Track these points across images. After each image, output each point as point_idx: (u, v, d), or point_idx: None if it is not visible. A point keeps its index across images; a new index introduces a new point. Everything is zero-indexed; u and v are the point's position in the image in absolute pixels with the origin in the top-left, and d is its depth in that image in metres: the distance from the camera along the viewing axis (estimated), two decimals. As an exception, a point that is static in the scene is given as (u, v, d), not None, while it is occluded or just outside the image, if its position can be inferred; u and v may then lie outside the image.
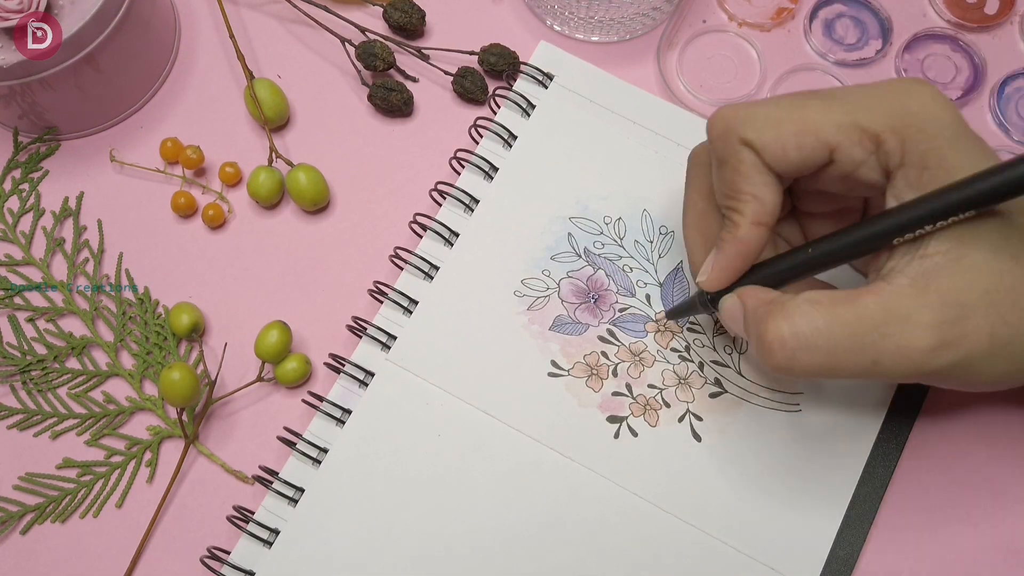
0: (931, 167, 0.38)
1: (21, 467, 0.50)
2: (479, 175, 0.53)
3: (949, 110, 0.38)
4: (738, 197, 0.41)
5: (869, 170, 0.39)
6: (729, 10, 0.58)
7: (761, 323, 0.39)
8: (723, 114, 0.41)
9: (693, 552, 0.47)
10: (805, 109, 0.39)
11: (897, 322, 0.37)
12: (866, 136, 0.38)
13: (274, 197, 0.53)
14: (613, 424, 0.49)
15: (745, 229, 0.41)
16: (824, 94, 0.40)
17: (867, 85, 0.40)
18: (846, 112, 0.39)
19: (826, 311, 0.38)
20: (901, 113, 0.38)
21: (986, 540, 0.48)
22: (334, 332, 0.52)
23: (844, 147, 0.39)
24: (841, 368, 0.39)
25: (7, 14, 0.48)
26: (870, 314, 0.38)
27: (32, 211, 0.54)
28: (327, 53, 0.58)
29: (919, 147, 0.38)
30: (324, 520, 0.48)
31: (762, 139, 0.39)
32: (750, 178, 0.40)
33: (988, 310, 0.37)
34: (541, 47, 0.56)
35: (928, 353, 0.37)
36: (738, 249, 0.42)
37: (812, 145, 0.39)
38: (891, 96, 0.39)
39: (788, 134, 0.39)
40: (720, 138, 0.41)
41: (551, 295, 0.51)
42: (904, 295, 0.38)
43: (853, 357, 0.38)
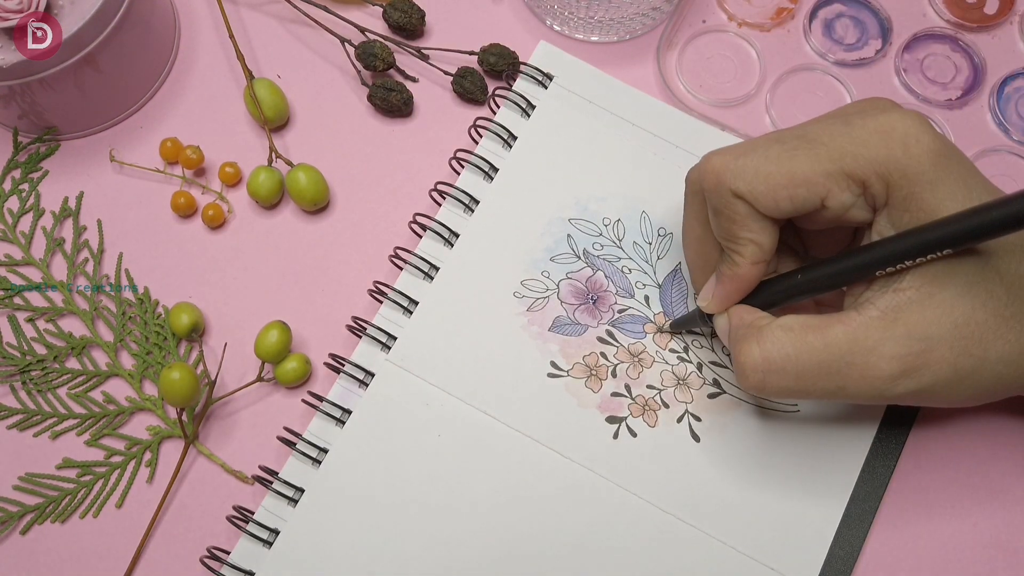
0: (911, 210, 0.39)
1: (21, 467, 0.50)
2: (479, 175, 0.53)
3: (930, 152, 0.39)
4: (737, 241, 0.43)
5: (858, 211, 0.41)
6: (729, 10, 0.58)
7: (737, 345, 0.42)
8: (713, 167, 0.42)
9: (692, 552, 0.47)
10: (793, 160, 0.40)
11: (862, 352, 0.40)
12: (853, 182, 0.40)
13: (274, 197, 0.54)
14: (612, 425, 0.49)
15: (745, 269, 0.43)
16: (810, 139, 0.41)
17: (855, 124, 0.40)
18: (832, 160, 0.40)
19: (796, 338, 0.41)
20: (886, 159, 0.39)
21: (986, 540, 0.48)
22: (334, 332, 0.52)
23: (834, 194, 0.40)
24: (809, 391, 0.41)
25: (7, 14, 0.48)
26: (837, 343, 0.40)
27: (32, 211, 0.54)
28: (327, 53, 0.58)
29: (901, 192, 0.39)
30: (324, 520, 0.48)
31: (754, 193, 0.41)
32: (747, 226, 0.42)
33: (953, 344, 0.39)
34: (541, 47, 0.56)
35: (890, 381, 0.40)
36: (737, 285, 0.44)
37: (804, 196, 0.40)
38: (875, 139, 0.40)
39: (779, 187, 0.40)
40: (713, 191, 0.42)
41: (550, 296, 0.51)
42: (872, 327, 0.40)
43: (820, 382, 0.41)
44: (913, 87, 0.56)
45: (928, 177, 0.39)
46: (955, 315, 0.39)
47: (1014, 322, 0.40)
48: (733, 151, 0.42)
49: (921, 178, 0.39)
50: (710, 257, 0.46)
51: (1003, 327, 0.39)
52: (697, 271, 0.47)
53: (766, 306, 0.44)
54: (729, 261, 0.43)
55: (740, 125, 0.55)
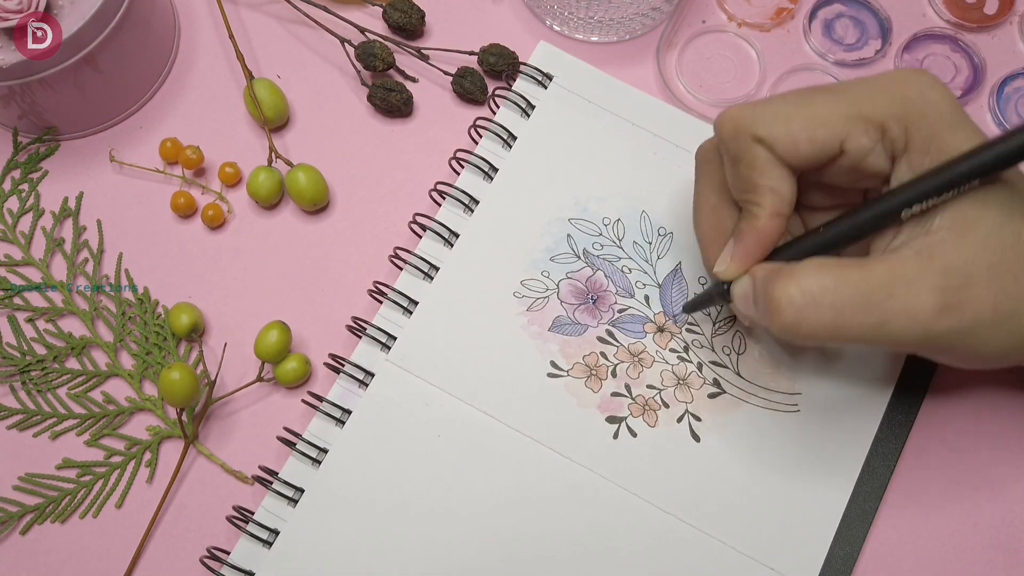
0: (932, 151, 0.39)
1: (21, 467, 0.50)
2: (478, 175, 0.53)
3: (947, 98, 0.40)
4: (756, 191, 0.42)
5: (876, 158, 0.41)
6: (728, 10, 0.58)
7: (769, 284, 0.40)
8: (732, 114, 0.42)
9: (693, 552, 0.47)
10: (812, 105, 0.41)
11: (904, 284, 0.39)
12: (872, 125, 0.40)
13: (274, 197, 0.54)
14: (612, 424, 0.49)
15: (764, 220, 0.42)
16: (827, 88, 0.42)
17: (869, 77, 0.41)
18: (851, 104, 0.40)
19: (834, 272, 0.39)
20: (902, 102, 0.40)
21: (986, 540, 0.48)
22: (334, 332, 0.52)
23: (853, 137, 0.40)
24: (848, 328, 0.39)
25: (7, 14, 0.48)
26: (877, 277, 0.39)
27: (32, 211, 0.54)
28: (327, 53, 0.58)
29: (920, 133, 0.39)
30: (324, 520, 0.48)
31: (773, 135, 0.41)
32: (766, 172, 0.41)
33: (991, 282, 0.39)
34: (541, 47, 0.56)
35: (934, 316, 0.38)
36: (757, 239, 0.43)
37: (823, 138, 0.40)
38: (892, 86, 0.40)
39: (798, 129, 0.40)
40: (732, 137, 0.42)
41: (550, 296, 0.51)
42: (910, 262, 0.39)
43: (860, 317, 0.39)
44: (913, 87, 0.56)
45: (947, 119, 0.39)
46: (989, 253, 0.39)
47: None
48: (751, 103, 0.42)
49: (940, 120, 0.39)
50: (725, 226, 0.45)
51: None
52: (711, 243, 0.45)
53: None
54: (748, 216, 0.42)
55: (740, 125, 0.55)
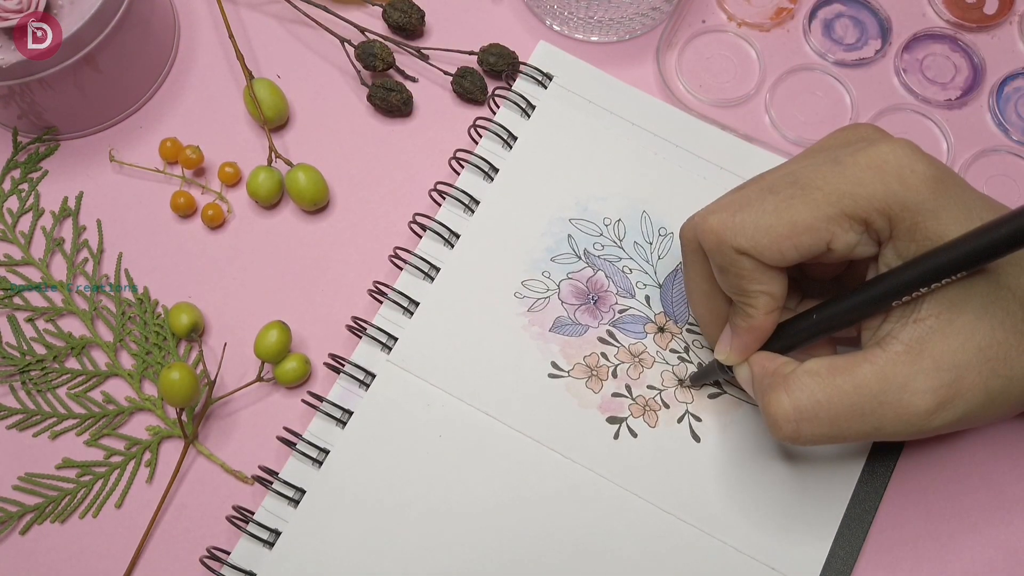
0: (917, 239, 0.39)
1: (20, 467, 0.50)
2: (478, 175, 0.53)
3: (928, 180, 0.38)
4: (747, 295, 0.42)
5: (863, 247, 0.40)
6: (728, 10, 0.58)
7: (765, 396, 0.42)
8: (711, 228, 0.41)
9: (693, 552, 0.47)
10: (791, 211, 0.40)
11: (895, 390, 0.39)
12: (855, 222, 0.39)
13: (273, 197, 0.53)
14: (613, 425, 0.49)
15: (759, 319, 0.43)
16: (803, 185, 0.40)
17: (846, 163, 0.40)
18: (831, 204, 0.39)
19: (824, 383, 0.40)
20: (884, 195, 0.39)
21: (986, 540, 0.48)
22: (334, 332, 0.52)
23: (838, 236, 0.40)
24: (845, 435, 0.40)
25: (7, 14, 0.48)
26: (868, 383, 0.39)
27: (31, 211, 0.54)
28: (327, 53, 0.58)
29: (904, 223, 0.39)
30: (326, 521, 0.48)
31: (758, 247, 0.40)
32: (755, 279, 0.41)
33: (982, 367, 0.39)
34: (540, 47, 0.56)
35: (926, 416, 0.39)
36: (753, 335, 0.43)
37: (809, 243, 0.40)
38: (869, 176, 0.39)
39: (782, 238, 0.40)
40: (715, 251, 0.42)
41: (551, 296, 0.51)
42: (900, 362, 0.39)
43: (855, 425, 0.40)
44: (913, 87, 0.56)
45: (929, 206, 0.38)
46: (978, 338, 0.39)
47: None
48: (727, 207, 0.41)
49: (922, 207, 0.38)
50: (720, 310, 0.45)
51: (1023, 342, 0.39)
52: (709, 326, 0.46)
53: (785, 350, 0.44)
54: (742, 314, 0.43)
55: (740, 125, 0.55)
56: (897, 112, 0.56)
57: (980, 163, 0.55)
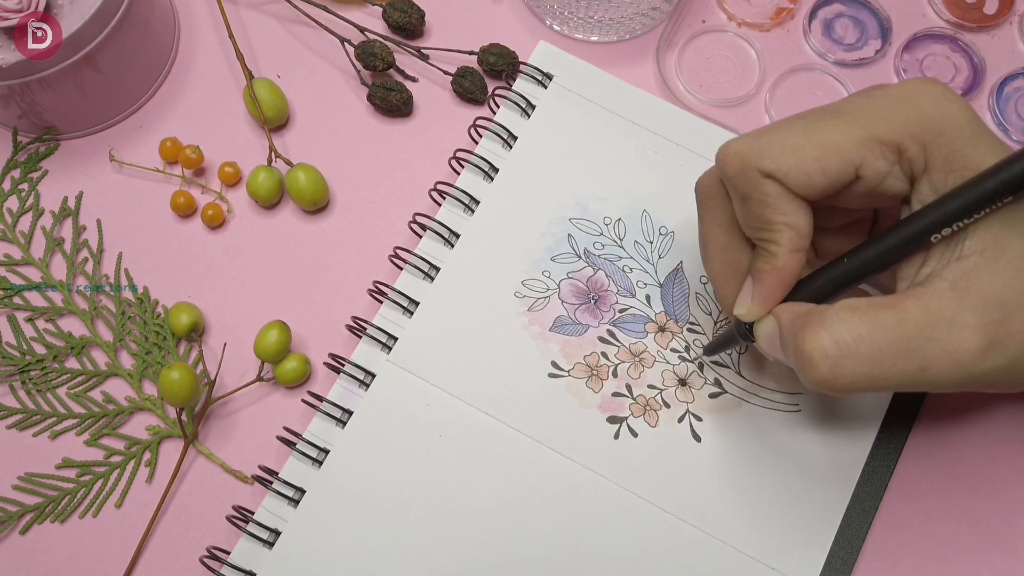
0: (956, 169, 0.37)
1: (20, 467, 0.50)
2: (478, 175, 0.53)
3: (964, 109, 0.37)
4: (771, 228, 0.39)
5: (894, 180, 0.38)
6: (728, 10, 0.58)
7: (799, 335, 0.38)
8: (736, 149, 0.39)
9: (693, 552, 0.47)
10: (821, 131, 0.38)
11: (943, 325, 0.36)
12: (888, 148, 0.37)
13: (273, 197, 0.53)
14: (613, 425, 0.49)
15: (784, 259, 0.40)
16: (835, 110, 0.39)
17: (876, 94, 0.39)
18: (863, 127, 0.38)
19: (867, 317, 0.37)
20: (918, 119, 0.37)
21: (986, 540, 0.48)
22: (334, 332, 0.52)
23: (868, 162, 0.38)
24: (887, 377, 0.37)
25: (7, 14, 0.48)
26: (913, 318, 0.36)
27: (31, 211, 0.54)
28: (327, 53, 0.58)
29: (941, 151, 0.37)
30: (326, 521, 0.48)
31: (784, 169, 0.38)
32: (780, 208, 0.39)
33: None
34: (540, 47, 0.56)
35: (977, 356, 0.36)
36: (778, 278, 0.40)
37: (837, 167, 0.38)
38: (904, 103, 0.38)
39: (810, 159, 0.38)
40: (739, 174, 0.39)
41: (551, 296, 0.51)
42: (946, 298, 0.37)
43: (900, 364, 0.37)
44: (913, 87, 0.56)
45: (967, 133, 0.36)
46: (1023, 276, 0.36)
47: None
48: (753, 133, 0.39)
49: (960, 134, 0.36)
50: (739, 264, 0.42)
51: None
52: (726, 283, 0.43)
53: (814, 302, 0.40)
54: (765, 254, 0.40)
55: (740, 125, 0.55)
56: (897, 112, 0.56)
57: (980, 163, 0.55)
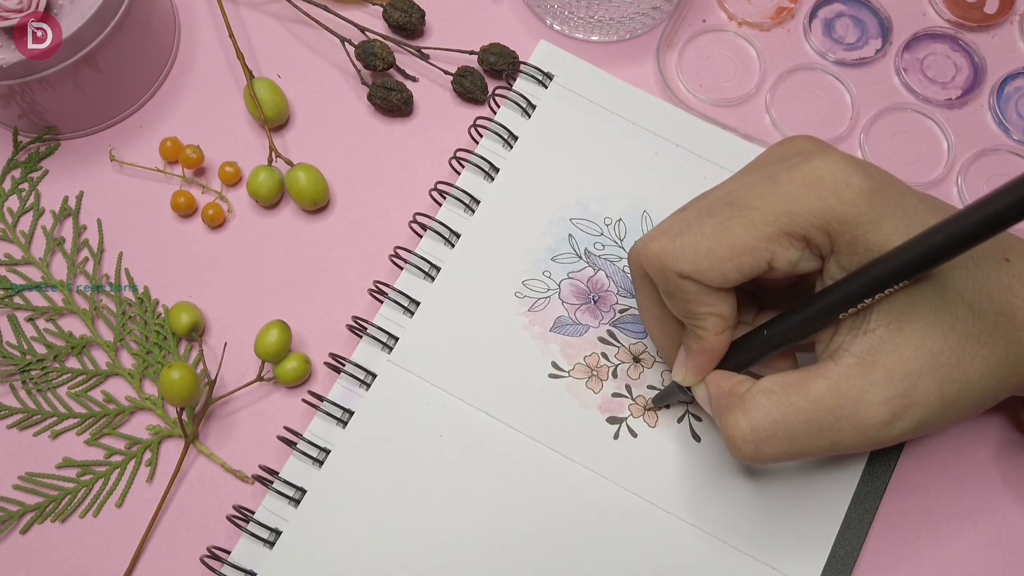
0: (859, 252, 0.39)
1: (21, 467, 0.50)
2: (479, 175, 0.53)
3: (864, 192, 0.38)
4: (696, 317, 0.42)
5: (806, 262, 0.40)
6: (729, 9, 0.58)
7: (723, 418, 0.42)
8: (652, 254, 0.41)
9: (693, 552, 0.47)
10: (730, 233, 0.40)
11: (850, 404, 0.39)
12: (795, 238, 0.39)
13: (274, 197, 0.53)
14: (613, 425, 0.49)
15: (710, 340, 0.43)
16: (740, 206, 0.40)
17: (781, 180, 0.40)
18: (769, 224, 0.39)
19: (780, 401, 0.40)
20: (820, 210, 0.38)
21: (986, 540, 0.48)
22: (334, 332, 0.52)
23: (778, 254, 0.40)
24: (804, 452, 0.40)
25: (7, 14, 0.48)
26: (822, 399, 0.39)
27: (32, 211, 0.54)
28: (327, 53, 0.58)
29: (844, 237, 0.39)
30: (327, 520, 0.48)
31: (700, 271, 0.40)
32: (702, 301, 0.41)
33: (935, 372, 0.39)
34: (541, 47, 0.56)
35: (883, 427, 0.39)
36: (706, 356, 0.43)
37: (750, 264, 0.40)
38: (805, 192, 0.39)
39: (722, 260, 0.40)
40: (659, 276, 0.42)
41: (552, 296, 0.51)
42: (853, 375, 0.39)
43: (814, 441, 0.40)
44: (913, 87, 0.56)
45: (867, 218, 0.38)
46: (929, 344, 0.39)
47: (984, 337, 0.39)
48: (668, 232, 0.41)
49: (860, 219, 0.38)
50: (674, 332, 0.45)
51: (975, 345, 0.39)
52: (664, 347, 0.46)
53: (741, 366, 0.44)
54: (693, 336, 0.43)
55: (740, 125, 0.55)
56: (897, 112, 0.56)
57: (980, 163, 0.55)
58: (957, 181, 0.54)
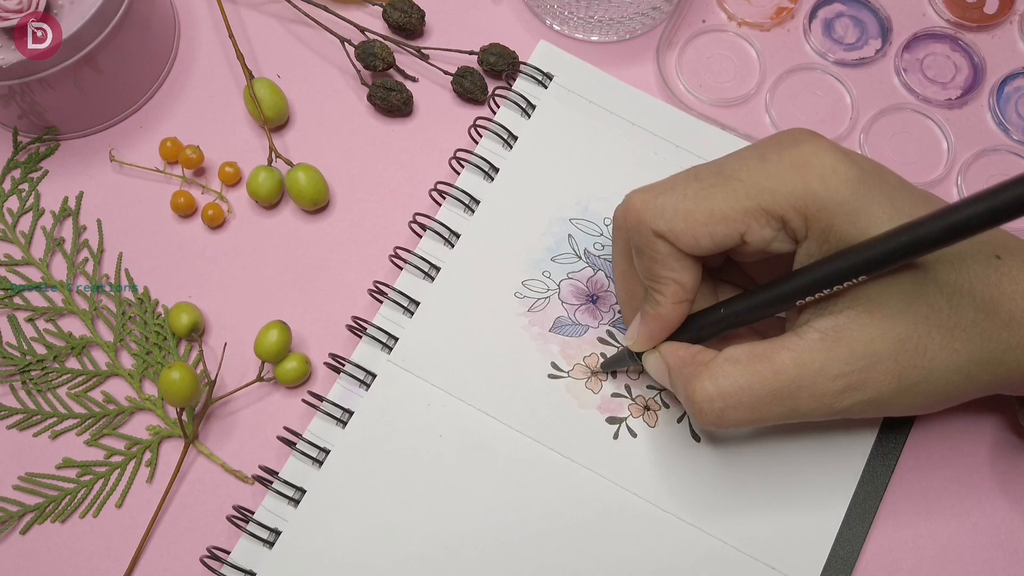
0: (830, 241, 0.39)
1: (21, 467, 0.50)
2: (479, 175, 0.53)
3: (849, 183, 0.39)
4: (659, 280, 0.43)
5: (779, 244, 0.41)
6: (728, 10, 0.58)
7: (688, 384, 0.42)
8: (633, 206, 0.42)
9: (693, 552, 0.47)
10: (710, 199, 0.40)
11: (810, 376, 0.40)
12: (772, 217, 0.40)
13: (274, 197, 0.54)
14: (612, 425, 0.49)
15: (667, 308, 0.43)
16: (726, 176, 0.41)
17: (770, 159, 0.40)
18: (750, 197, 0.40)
19: (746, 370, 0.41)
20: (803, 193, 0.39)
21: (986, 540, 0.48)
22: (334, 332, 0.52)
23: (753, 230, 0.40)
24: (764, 418, 0.41)
25: (7, 14, 0.48)
26: (786, 370, 0.40)
27: (32, 211, 0.54)
28: (327, 53, 0.58)
29: (819, 224, 0.39)
30: (326, 520, 0.48)
31: (674, 231, 0.41)
32: (668, 265, 0.42)
33: (898, 357, 0.39)
34: (541, 47, 0.56)
35: (835, 397, 0.40)
36: (660, 324, 0.44)
37: (723, 233, 0.40)
38: (793, 173, 0.39)
39: (697, 224, 0.40)
40: (635, 230, 0.42)
41: (551, 296, 0.51)
42: (816, 349, 0.40)
43: (774, 408, 0.41)
44: (913, 87, 0.56)
45: (847, 208, 0.38)
46: (897, 330, 0.39)
47: (959, 332, 0.40)
48: (653, 189, 0.42)
49: (839, 209, 0.38)
50: (636, 293, 0.46)
51: (948, 337, 0.39)
52: (626, 306, 0.47)
53: (695, 341, 0.44)
54: (652, 300, 0.43)
55: (740, 125, 0.55)
56: (897, 112, 0.56)
57: (980, 163, 0.55)
58: (957, 181, 0.54)
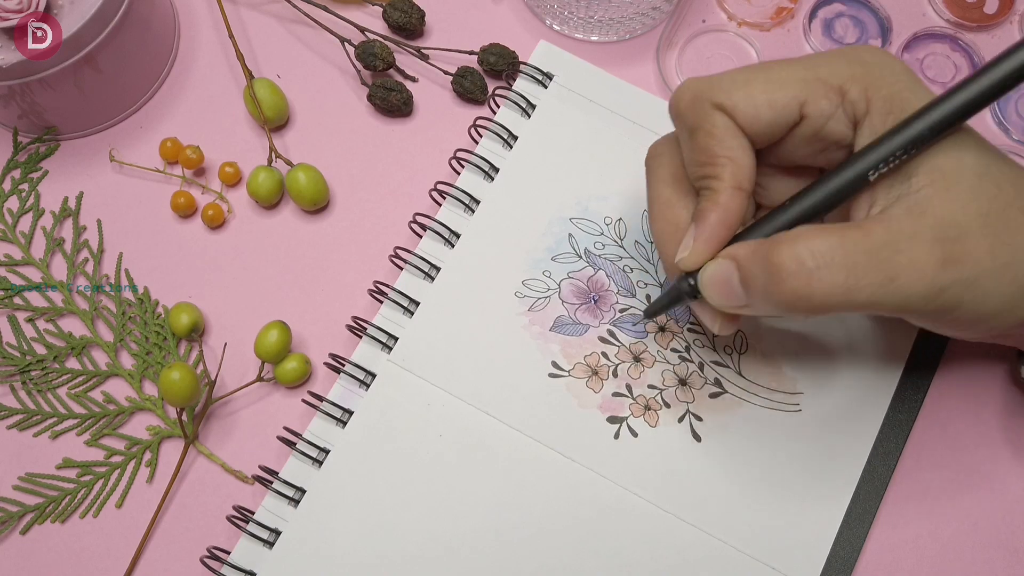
0: (895, 111, 0.39)
1: (21, 467, 0.50)
2: (479, 175, 0.53)
3: (904, 66, 0.40)
4: (715, 162, 0.40)
5: (836, 123, 0.40)
6: (728, 10, 0.58)
7: (772, 252, 0.38)
8: (689, 84, 0.41)
9: (693, 552, 0.47)
10: (770, 70, 0.41)
11: (906, 239, 0.37)
12: (831, 88, 0.40)
13: (274, 197, 0.53)
14: (613, 424, 0.49)
15: (726, 194, 0.40)
16: (783, 60, 0.41)
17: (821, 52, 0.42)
18: (809, 68, 0.40)
19: (836, 233, 0.37)
20: (860, 64, 0.40)
21: (986, 540, 0.48)
22: (334, 332, 0.52)
23: (812, 100, 0.40)
24: (860, 288, 0.37)
25: (7, 14, 0.48)
26: (879, 235, 0.37)
27: (32, 211, 0.54)
28: (327, 53, 0.58)
29: (881, 92, 0.39)
30: (326, 520, 0.48)
31: (733, 100, 0.40)
32: (724, 141, 0.40)
33: (985, 230, 0.38)
34: (541, 47, 0.56)
35: (939, 268, 0.37)
36: (720, 216, 0.40)
37: (783, 101, 0.40)
38: (847, 54, 0.40)
39: (758, 92, 0.40)
40: (690, 107, 0.41)
41: (552, 296, 0.51)
42: (904, 220, 0.38)
43: (871, 274, 0.37)
44: (913, 87, 0.56)
45: (905, 80, 0.39)
46: (978, 204, 0.38)
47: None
48: (709, 76, 0.42)
49: (899, 81, 0.39)
50: (681, 220, 0.42)
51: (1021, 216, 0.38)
52: (668, 240, 0.43)
53: None
54: (708, 192, 0.41)
55: (740, 125, 0.55)
56: (897, 112, 0.56)
57: (980, 163, 0.55)
58: (957, 181, 0.54)
